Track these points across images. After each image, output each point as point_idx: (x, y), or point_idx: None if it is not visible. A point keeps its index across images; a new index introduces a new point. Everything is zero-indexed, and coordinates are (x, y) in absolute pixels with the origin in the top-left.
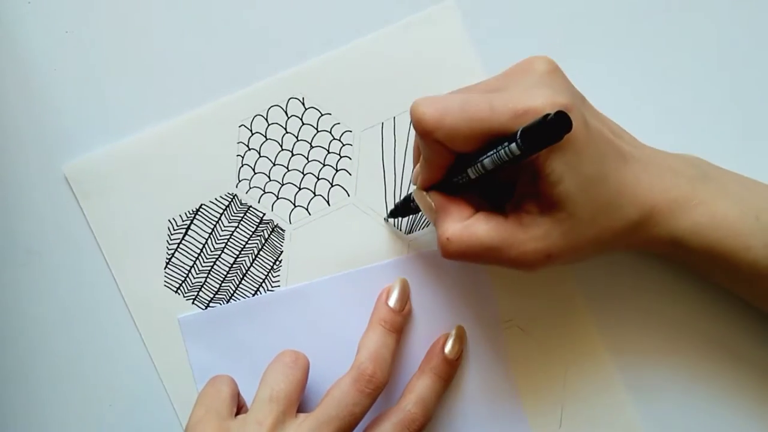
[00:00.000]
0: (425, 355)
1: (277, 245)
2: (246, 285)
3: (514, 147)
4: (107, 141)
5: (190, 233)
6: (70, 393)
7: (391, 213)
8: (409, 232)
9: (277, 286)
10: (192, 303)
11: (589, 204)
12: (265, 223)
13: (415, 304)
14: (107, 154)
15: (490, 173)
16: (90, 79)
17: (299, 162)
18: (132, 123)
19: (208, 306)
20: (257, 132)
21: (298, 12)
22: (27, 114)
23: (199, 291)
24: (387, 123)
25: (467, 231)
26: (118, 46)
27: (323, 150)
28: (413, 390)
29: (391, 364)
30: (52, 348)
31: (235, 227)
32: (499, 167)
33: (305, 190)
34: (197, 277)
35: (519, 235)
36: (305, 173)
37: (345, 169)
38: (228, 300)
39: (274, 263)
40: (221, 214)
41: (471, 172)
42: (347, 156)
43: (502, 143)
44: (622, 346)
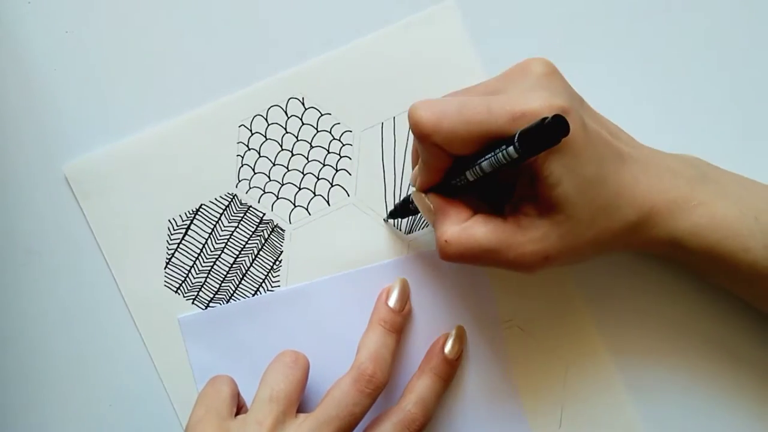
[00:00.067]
0: (425, 355)
1: (277, 245)
2: (246, 285)
3: (511, 150)
4: (107, 141)
5: (190, 233)
6: (70, 393)
7: (391, 214)
8: (409, 232)
9: (277, 286)
10: (192, 303)
11: (588, 206)
12: (265, 223)
13: (415, 304)
14: (107, 154)
15: (488, 176)
16: (90, 79)
17: (299, 162)
18: (132, 123)
19: (208, 306)
20: (257, 132)
21: (298, 12)
22: (27, 114)
23: (199, 291)
24: (387, 123)
25: (466, 233)
26: (118, 46)
27: (323, 150)
28: (413, 390)
29: (391, 364)
30: (52, 348)
31: (235, 227)
32: (497, 170)
33: (305, 190)
34: (197, 277)
35: (517, 237)
36: (305, 173)
37: (345, 169)
38: (228, 300)
39: (274, 263)
40: (221, 214)
41: (469, 174)
42: (347, 156)
43: (500, 146)
44: (622, 346)
